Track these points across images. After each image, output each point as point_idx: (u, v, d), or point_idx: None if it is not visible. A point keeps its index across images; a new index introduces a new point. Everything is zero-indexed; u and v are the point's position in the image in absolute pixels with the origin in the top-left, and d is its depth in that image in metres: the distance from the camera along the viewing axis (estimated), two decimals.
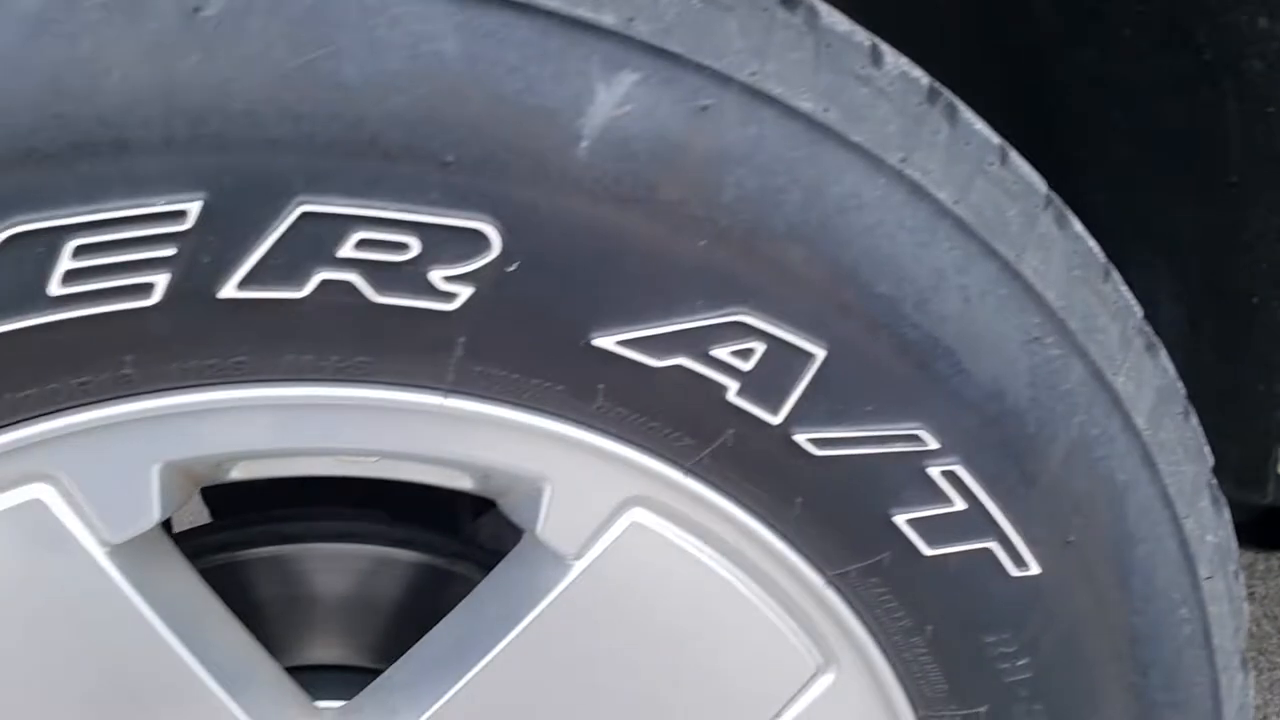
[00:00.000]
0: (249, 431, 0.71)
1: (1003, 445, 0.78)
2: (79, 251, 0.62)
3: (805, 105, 0.70)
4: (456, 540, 1.00)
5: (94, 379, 0.67)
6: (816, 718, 0.87)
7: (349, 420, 0.73)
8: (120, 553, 0.73)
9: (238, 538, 0.94)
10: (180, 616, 0.77)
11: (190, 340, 0.67)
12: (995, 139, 0.78)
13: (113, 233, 0.62)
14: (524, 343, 0.70)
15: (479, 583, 0.94)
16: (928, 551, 0.80)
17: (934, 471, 0.77)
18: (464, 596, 0.90)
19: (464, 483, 0.83)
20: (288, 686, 0.85)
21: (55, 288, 0.63)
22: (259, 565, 0.95)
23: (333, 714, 0.87)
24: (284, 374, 0.70)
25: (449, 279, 0.67)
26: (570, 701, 0.84)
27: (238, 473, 0.79)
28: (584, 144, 0.66)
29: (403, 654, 0.89)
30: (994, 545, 0.80)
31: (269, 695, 0.82)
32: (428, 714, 0.82)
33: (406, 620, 0.97)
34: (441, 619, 0.89)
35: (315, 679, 0.90)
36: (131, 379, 0.67)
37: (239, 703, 0.78)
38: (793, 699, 0.86)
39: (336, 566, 0.96)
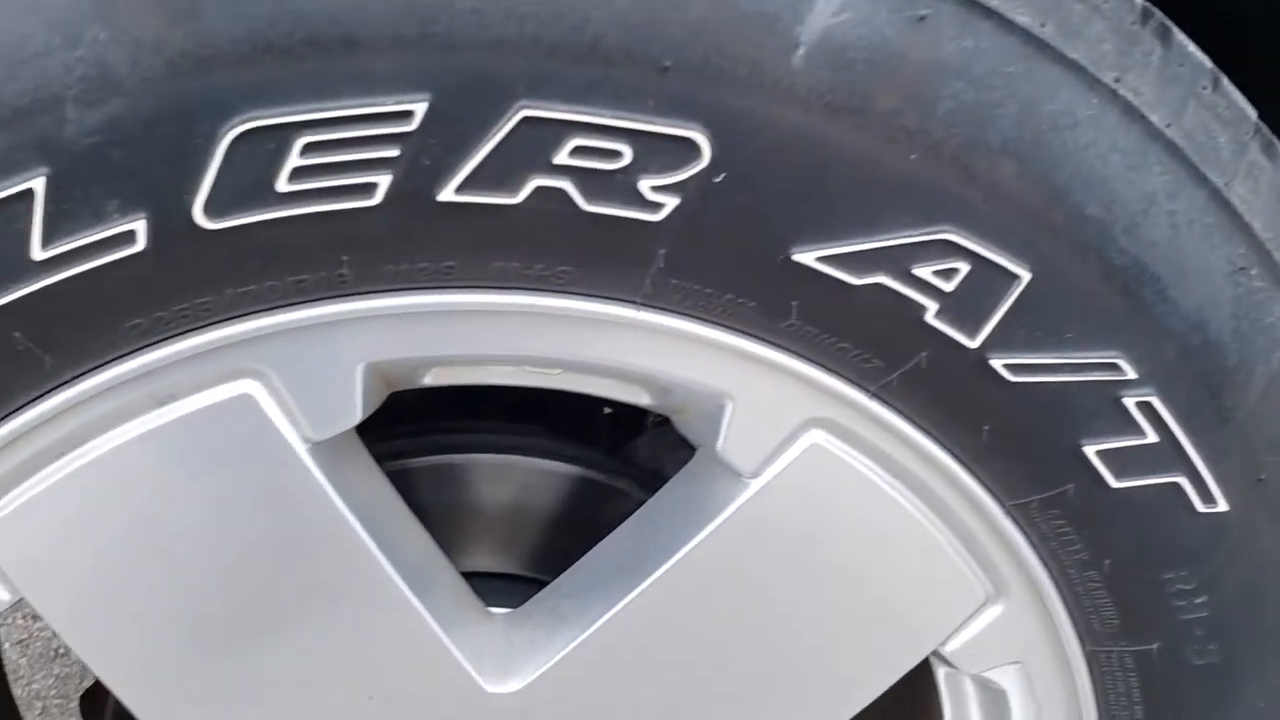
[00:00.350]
0: (452, 337, 0.73)
1: (1201, 378, 0.76)
2: (307, 149, 0.63)
3: (1022, 19, 0.68)
4: (616, 458, 1.01)
5: (310, 278, 0.68)
6: (982, 647, 0.87)
7: (545, 330, 0.73)
8: (320, 450, 0.75)
9: (410, 446, 0.96)
10: (372, 516, 0.79)
11: (406, 243, 0.68)
12: (1208, 63, 0.76)
13: (341, 131, 0.63)
14: (723, 256, 0.70)
15: (639, 499, 0.95)
16: (1114, 484, 0.78)
17: (1129, 402, 0.76)
18: (623, 512, 0.91)
19: (641, 398, 0.83)
20: (464, 590, 0.87)
21: (283, 184, 0.64)
22: (428, 473, 0.97)
23: (502, 619, 0.89)
24: (489, 281, 0.71)
25: (657, 189, 0.67)
26: (738, 617, 0.84)
27: (430, 379, 0.80)
28: (800, 51, 0.65)
29: (559, 564, 0.91)
30: (1183, 480, 0.79)
31: (448, 597, 0.85)
32: (599, 623, 0.83)
33: (566, 532, 0.99)
34: (601, 532, 0.90)
35: (474, 586, 0.92)
36: (345, 279, 0.69)
37: (423, 602, 0.80)
38: (960, 627, 0.86)
39: (502, 477, 0.97)
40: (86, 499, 0.73)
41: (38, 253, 0.64)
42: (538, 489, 0.98)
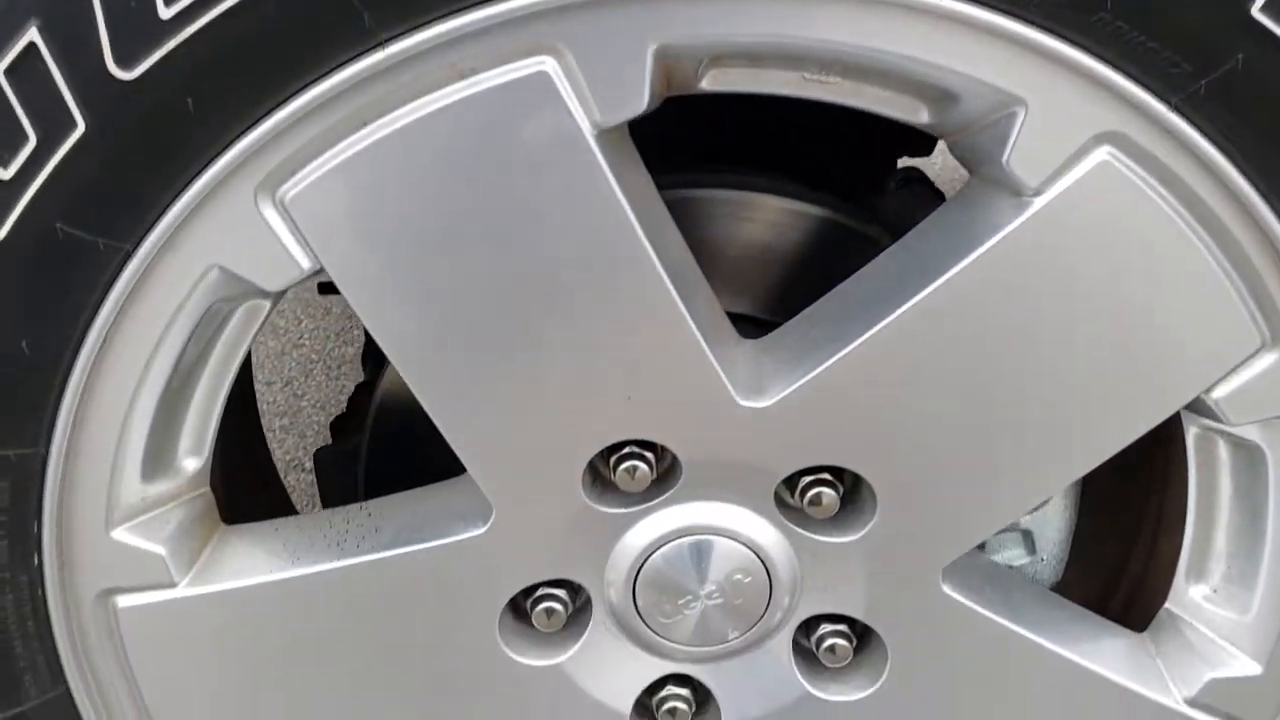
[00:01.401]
0: (747, 17, 0.72)
1: None
2: None
3: None
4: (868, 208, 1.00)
5: None
6: (1252, 395, 0.84)
7: (842, 13, 0.72)
8: (604, 139, 0.76)
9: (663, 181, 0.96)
10: (645, 215, 0.80)
11: None
12: None
13: None
14: None
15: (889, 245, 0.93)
16: None
17: None
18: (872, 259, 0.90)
19: (919, 115, 0.81)
20: (720, 310, 0.88)
21: None
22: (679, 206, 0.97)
23: (752, 344, 0.90)
24: None
25: None
26: (1001, 344, 0.82)
27: (706, 83, 0.80)
28: None
29: (795, 308, 0.91)
30: None
31: (707, 312, 0.85)
32: (852, 346, 0.83)
33: (807, 275, 0.99)
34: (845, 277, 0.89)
35: None
36: None
37: (688, 309, 0.82)
38: (1230, 373, 0.83)
39: (751, 215, 0.97)
40: (386, 171, 0.76)
41: None
42: (786, 229, 0.98)
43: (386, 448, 1.04)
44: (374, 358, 1.19)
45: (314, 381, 2.74)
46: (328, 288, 1.62)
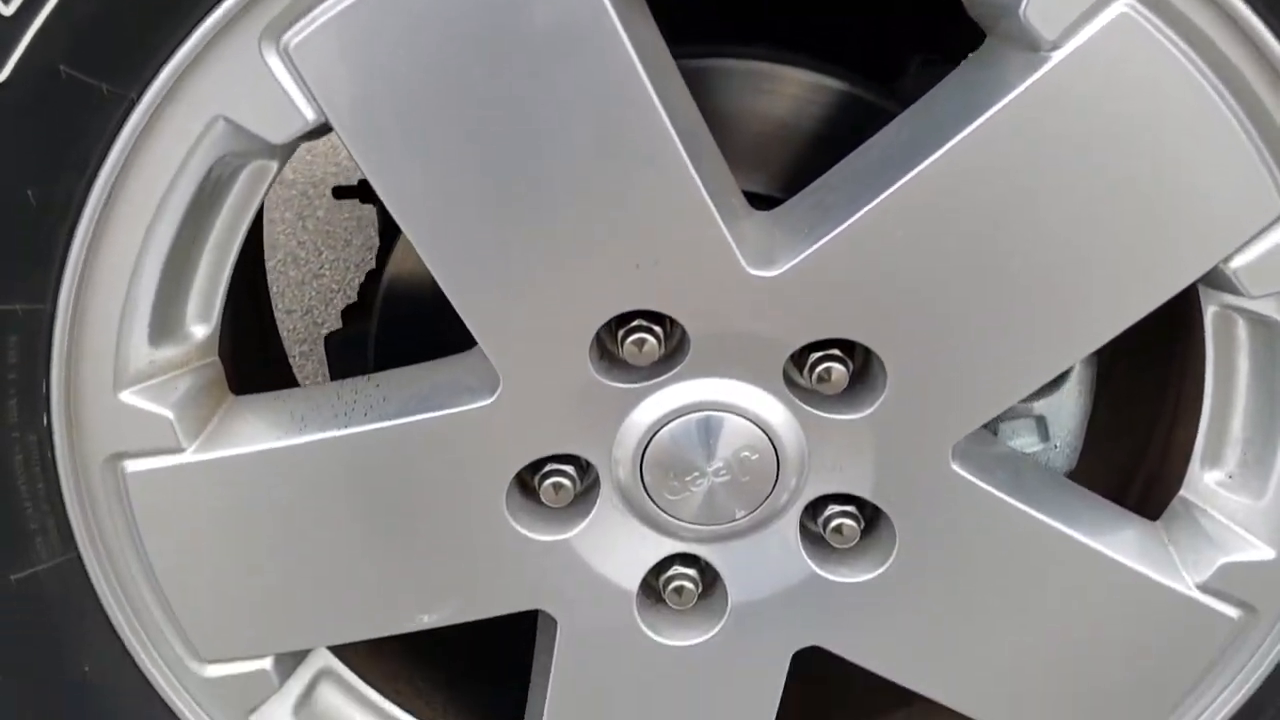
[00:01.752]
0: None
1: None
2: None
3: None
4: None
5: None
6: (1270, 265, 0.82)
7: None
8: None
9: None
10: (655, 72, 0.78)
11: None
12: None
13: None
14: None
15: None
16: None
17: None
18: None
19: None
20: (730, 178, 0.87)
21: None
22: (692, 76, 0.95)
23: (765, 216, 0.89)
24: None
25: None
26: (1015, 206, 0.81)
27: None
28: None
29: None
30: None
31: (724, 181, 0.84)
32: (861, 213, 0.81)
33: (824, 151, 0.97)
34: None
35: None
36: None
37: (698, 172, 0.80)
38: (1250, 241, 0.81)
39: (772, 88, 0.95)
40: (390, 17, 0.75)
41: None
42: (805, 103, 0.96)
43: (395, 331, 1.03)
44: (383, 247, 1.19)
45: (333, 310, 2.75)
46: (342, 191, 1.63)
